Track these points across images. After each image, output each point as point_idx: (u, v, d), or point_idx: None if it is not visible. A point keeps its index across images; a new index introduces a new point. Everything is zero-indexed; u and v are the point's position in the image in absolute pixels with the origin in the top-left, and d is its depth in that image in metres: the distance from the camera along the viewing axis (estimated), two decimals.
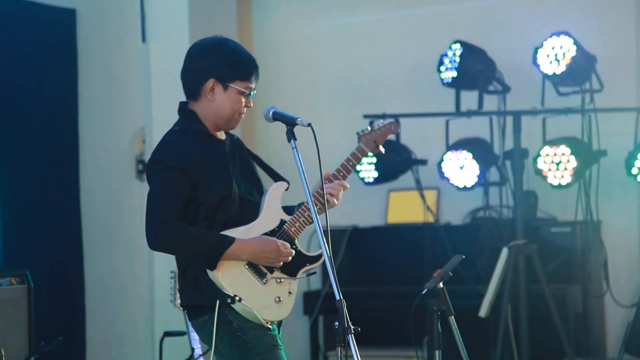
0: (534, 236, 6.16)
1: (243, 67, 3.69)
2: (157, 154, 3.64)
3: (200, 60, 3.69)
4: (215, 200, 3.58)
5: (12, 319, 4.99)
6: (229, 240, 3.55)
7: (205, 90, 3.68)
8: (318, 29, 7.47)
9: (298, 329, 6.92)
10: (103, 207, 6.54)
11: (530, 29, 6.67)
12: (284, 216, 3.72)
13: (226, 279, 3.56)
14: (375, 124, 3.97)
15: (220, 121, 3.71)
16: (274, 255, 3.60)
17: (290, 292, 3.66)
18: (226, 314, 3.57)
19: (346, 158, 3.85)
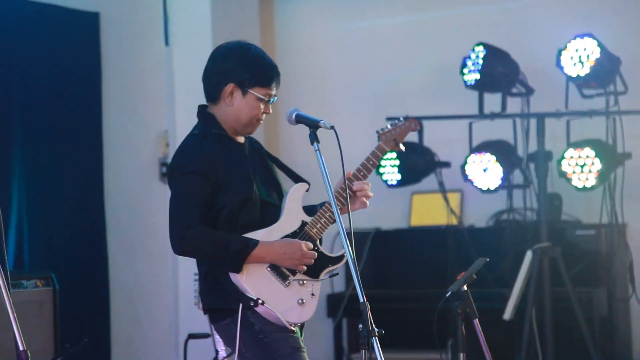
0: (558, 239, 6.13)
1: (263, 74, 3.69)
2: (177, 158, 3.65)
3: (222, 63, 3.70)
4: (236, 204, 3.59)
5: (37, 321, 5.02)
6: (253, 243, 3.55)
7: (225, 94, 3.68)
8: (341, 31, 7.48)
9: (321, 332, 6.92)
10: (127, 210, 6.57)
11: (553, 31, 6.64)
12: (305, 217, 3.71)
13: (249, 282, 3.55)
14: (395, 122, 3.95)
15: (237, 126, 3.71)
16: (297, 256, 3.59)
17: (313, 293, 3.66)
18: (248, 316, 3.57)
19: (366, 157, 3.84)
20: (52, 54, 6.14)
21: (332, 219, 3.70)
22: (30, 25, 6.00)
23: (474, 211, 6.90)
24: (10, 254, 5.73)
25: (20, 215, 5.82)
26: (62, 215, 6.13)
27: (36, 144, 5.99)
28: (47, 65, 6.10)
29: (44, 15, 6.09)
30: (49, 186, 6.05)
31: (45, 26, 6.09)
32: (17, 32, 5.91)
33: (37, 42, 6.04)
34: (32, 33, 6.01)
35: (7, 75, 5.86)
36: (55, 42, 6.16)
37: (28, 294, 5.01)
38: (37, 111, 6.01)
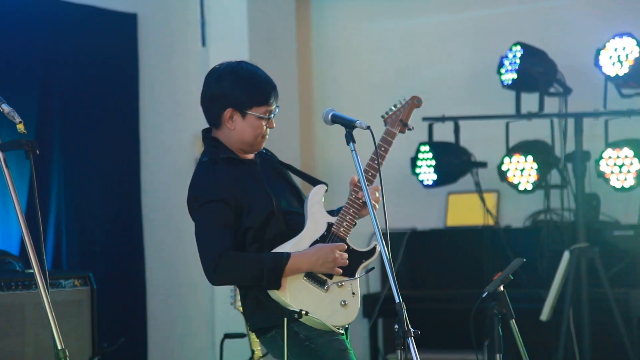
0: (596, 239, 6.09)
1: (259, 93, 3.65)
2: (193, 190, 3.63)
3: (216, 88, 3.69)
4: (259, 222, 3.57)
5: (75, 321, 5.05)
6: (286, 255, 3.54)
7: (225, 119, 3.66)
8: (377, 31, 7.47)
9: (357, 332, 6.92)
10: (164, 210, 6.60)
11: (592, 30, 6.60)
12: (330, 219, 3.68)
13: (289, 296, 3.55)
14: (397, 102, 3.87)
15: (244, 146, 3.68)
16: (331, 259, 3.58)
17: (353, 292, 3.64)
18: (292, 326, 3.56)
19: (377, 144, 3.67)
20: (90, 55, 6.18)
21: (356, 214, 3.67)
22: (69, 27, 6.05)
23: (510, 211, 6.87)
24: (48, 254, 5.78)
25: (59, 216, 5.87)
26: (100, 215, 6.17)
27: (74, 145, 6.03)
28: (85, 66, 6.14)
29: (82, 16, 6.13)
30: (87, 186, 6.10)
31: (83, 27, 6.14)
32: (56, 33, 5.96)
33: (75, 43, 6.08)
34: (71, 34, 6.06)
35: (46, 76, 5.91)
36: (93, 43, 6.21)
37: (66, 293, 5.05)
38: (75, 112, 6.05)
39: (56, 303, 3.09)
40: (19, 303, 4.80)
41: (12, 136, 2.99)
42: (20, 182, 5.44)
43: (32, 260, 2.93)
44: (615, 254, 6.20)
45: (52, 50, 5.94)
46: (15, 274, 4.99)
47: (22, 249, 5.46)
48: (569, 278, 5.84)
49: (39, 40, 5.87)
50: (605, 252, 6.02)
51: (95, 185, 6.16)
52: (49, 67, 5.92)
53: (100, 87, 6.24)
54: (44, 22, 5.91)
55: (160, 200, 6.58)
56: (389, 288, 3.14)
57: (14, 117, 2.96)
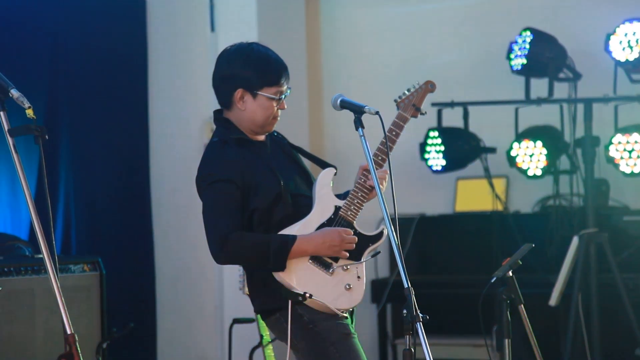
0: (605, 225, 6.08)
1: (270, 73, 3.66)
2: (203, 169, 3.64)
3: (227, 69, 3.70)
4: (267, 204, 3.58)
5: (84, 306, 5.07)
6: (292, 238, 3.54)
7: (236, 100, 3.67)
8: (386, 16, 7.45)
9: (366, 317, 6.92)
10: (173, 195, 6.61)
11: (602, 15, 6.57)
12: (338, 202, 3.67)
13: (293, 278, 3.55)
14: (411, 87, 3.86)
15: (254, 127, 3.69)
16: (337, 243, 3.58)
17: (359, 276, 3.64)
18: (296, 308, 3.56)
19: (388, 128, 3.69)
20: (99, 40, 6.18)
21: (364, 198, 3.66)
22: (78, 12, 6.05)
23: (519, 197, 6.86)
24: (57, 239, 5.79)
25: (68, 201, 5.88)
26: (109, 200, 6.18)
27: (83, 130, 6.04)
28: (94, 52, 6.14)
29: (91, 2, 6.13)
30: (96, 172, 6.11)
31: (92, 13, 6.13)
32: (65, 19, 5.96)
33: (84, 29, 6.08)
34: (79, 20, 6.06)
35: (55, 62, 5.91)
36: (102, 29, 6.20)
37: (75, 278, 5.07)
38: (84, 97, 6.06)
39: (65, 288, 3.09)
40: (29, 288, 4.82)
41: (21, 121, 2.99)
42: (29, 168, 5.45)
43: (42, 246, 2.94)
44: (624, 240, 6.19)
45: (61, 36, 5.94)
46: (24, 259, 5.01)
47: (31, 234, 5.47)
48: (577, 263, 5.84)
49: (48, 26, 5.87)
50: (615, 237, 6.01)
51: (104, 170, 6.17)
52: (57, 52, 5.92)
53: (109, 73, 6.24)
54: (53, 7, 5.90)
55: (169, 185, 6.59)
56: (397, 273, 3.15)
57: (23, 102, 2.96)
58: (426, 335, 3.06)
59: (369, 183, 3.64)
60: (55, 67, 5.90)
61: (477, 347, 6.32)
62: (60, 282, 2.93)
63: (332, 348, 3.55)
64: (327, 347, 3.55)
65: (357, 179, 3.69)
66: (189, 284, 6.73)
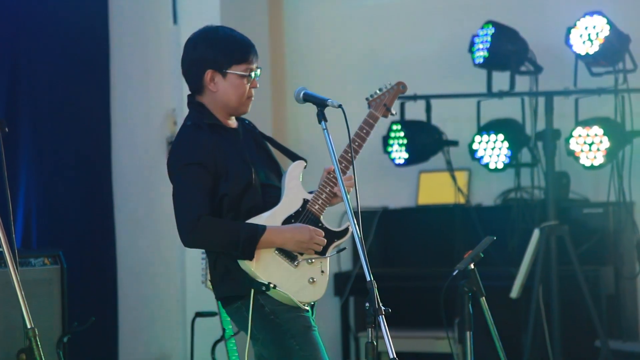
0: (566, 217, 6.13)
1: (237, 51, 3.68)
2: (175, 152, 3.65)
3: (193, 52, 3.71)
4: (237, 191, 3.59)
5: (45, 300, 5.03)
6: (262, 228, 3.55)
7: (206, 82, 3.67)
8: (349, 9, 7.45)
9: (329, 310, 6.93)
10: (135, 188, 6.57)
11: (562, 9, 6.61)
12: (306, 195, 3.71)
13: (258, 267, 3.56)
14: (383, 87, 3.93)
15: (229, 109, 3.70)
16: (306, 241, 3.60)
17: (322, 270, 3.67)
18: (258, 298, 3.58)
19: (359, 126, 3.80)
20: (60, 32, 6.12)
21: (332, 193, 3.70)
22: (38, 5, 5.99)
23: (481, 190, 6.89)
24: (18, 232, 5.74)
25: (28, 194, 5.82)
26: (70, 193, 6.13)
27: (43, 122, 5.98)
28: (55, 43, 6.09)
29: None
30: (57, 164, 6.06)
31: (53, 5, 6.08)
32: (26, 10, 5.90)
33: (45, 19, 6.02)
34: (41, 10, 6.00)
35: (15, 55, 5.85)
36: (63, 20, 6.14)
37: (36, 272, 5.03)
38: (44, 89, 6.00)
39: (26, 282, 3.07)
40: None
41: None
42: None
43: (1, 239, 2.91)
44: (584, 232, 6.24)
45: (22, 27, 5.87)
46: None
47: None
48: (538, 256, 5.88)
49: (8, 20, 5.80)
50: (575, 230, 6.06)
51: (66, 163, 6.12)
52: (18, 44, 5.85)
53: (70, 64, 6.19)
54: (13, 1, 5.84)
55: (131, 178, 6.55)
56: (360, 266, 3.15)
57: None
58: (388, 328, 3.07)
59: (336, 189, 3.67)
60: (15, 59, 5.84)
61: (439, 340, 6.34)
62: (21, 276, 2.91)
63: (292, 340, 3.56)
64: (288, 339, 3.56)
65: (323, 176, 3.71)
66: (151, 277, 6.70)
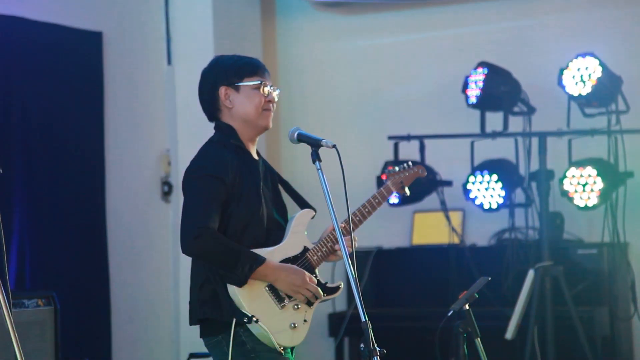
0: (560, 258, 6.12)
1: (246, 65, 3.73)
2: (197, 161, 3.67)
3: (205, 80, 3.78)
4: (243, 217, 3.60)
5: (38, 340, 5.00)
6: (261, 259, 3.55)
7: (222, 100, 3.71)
8: (342, 50, 7.49)
9: (324, 351, 6.90)
10: (129, 229, 6.56)
11: (555, 50, 6.66)
12: (308, 243, 3.74)
13: (245, 298, 3.55)
14: (403, 165, 4.06)
15: (249, 123, 3.72)
16: (299, 284, 3.60)
17: (305, 319, 3.67)
18: (240, 334, 3.57)
19: (372, 195, 3.92)
20: (54, 73, 6.14)
21: (331, 249, 3.74)
22: (33, 45, 6.01)
23: (475, 230, 6.89)
24: (11, 273, 5.72)
25: (22, 234, 5.81)
26: (64, 234, 6.12)
27: (38, 162, 5.98)
28: (49, 84, 6.10)
29: (47, 34, 6.10)
30: (51, 204, 6.05)
31: (48, 46, 6.10)
32: (20, 51, 5.92)
33: (40, 61, 6.05)
34: (35, 52, 6.02)
35: (9, 94, 5.86)
36: (58, 61, 6.17)
37: (29, 313, 5.01)
38: (38, 130, 6.01)
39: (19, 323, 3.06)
40: None
41: None
42: None
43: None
44: (579, 273, 6.23)
45: (16, 68, 5.89)
46: None
47: None
48: (533, 296, 5.87)
49: (2, 58, 5.82)
50: (570, 270, 6.05)
51: (60, 203, 6.11)
52: (11, 85, 5.87)
53: (65, 105, 6.20)
54: (8, 39, 5.86)
55: (125, 218, 6.54)
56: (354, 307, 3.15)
57: None
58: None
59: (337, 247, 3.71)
60: (9, 99, 5.85)
61: None
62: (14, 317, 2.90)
63: None
64: None
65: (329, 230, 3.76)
66: (145, 318, 6.68)
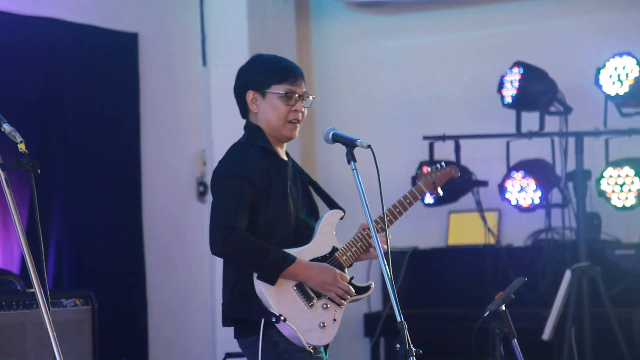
0: (597, 258, 6.08)
1: (277, 71, 3.70)
2: (225, 162, 3.67)
3: (238, 79, 3.78)
4: (272, 217, 3.60)
5: (76, 340, 5.04)
6: (291, 259, 3.55)
7: (249, 104, 3.72)
8: (376, 50, 7.48)
9: (359, 351, 6.90)
10: (165, 229, 6.60)
11: (592, 50, 6.61)
12: (337, 243, 3.72)
13: (273, 298, 3.56)
14: (436, 166, 4.01)
15: (272, 132, 3.71)
16: (330, 283, 3.59)
17: (335, 319, 3.65)
18: (273, 335, 3.57)
19: (404, 195, 3.86)
20: (91, 74, 6.19)
21: (362, 248, 3.72)
22: (70, 47, 6.06)
23: (511, 230, 6.86)
24: (49, 273, 5.77)
25: (60, 235, 5.86)
26: (102, 234, 6.17)
27: (75, 164, 6.03)
28: (86, 85, 6.15)
29: (84, 36, 6.15)
30: (88, 206, 6.10)
31: (84, 47, 6.15)
32: (57, 53, 5.97)
33: (76, 62, 6.09)
34: (72, 54, 6.07)
35: (47, 96, 5.91)
36: (94, 63, 6.22)
37: (67, 312, 5.04)
38: (75, 132, 6.06)
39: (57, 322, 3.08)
40: (20, 323, 4.79)
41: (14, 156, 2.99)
42: (22, 202, 5.44)
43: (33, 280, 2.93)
44: (616, 274, 6.19)
45: (54, 70, 5.95)
46: (16, 293, 4.98)
47: (23, 268, 5.45)
48: (570, 297, 5.83)
49: (40, 60, 5.88)
50: (607, 271, 6.01)
51: (97, 204, 6.16)
52: (50, 86, 5.92)
53: (102, 107, 6.25)
54: (45, 42, 5.91)
55: (161, 219, 6.58)
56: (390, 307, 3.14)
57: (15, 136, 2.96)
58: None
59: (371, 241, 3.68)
60: (47, 101, 5.90)
61: None
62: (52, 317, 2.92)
63: None
64: None
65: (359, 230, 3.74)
66: (181, 318, 6.71)
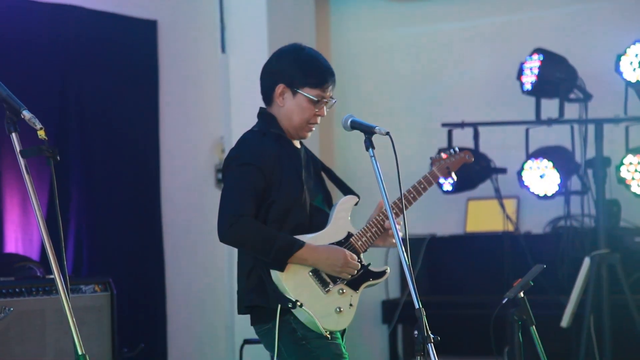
0: (617, 246, 6.06)
1: (314, 74, 3.69)
2: (236, 150, 3.68)
3: (275, 64, 3.74)
4: (286, 204, 3.61)
5: (95, 326, 5.07)
6: (299, 244, 3.56)
7: (276, 95, 3.71)
8: (396, 37, 7.47)
9: (377, 338, 6.91)
10: (184, 216, 6.62)
11: (612, 36, 6.58)
12: (352, 229, 3.73)
13: (289, 284, 3.57)
14: (450, 151, 3.97)
15: (290, 128, 3.72)
16: (340, 264, 3.60)
17: (351, 304, 3.67)
18: (290, 322, 3.59)
19: (418, 180, 3.84)
20: (110, 62, 6.20)
21: (377, 233, 3.72)
22: (89, 34, 6.07)
23: (530, 218, 6.85)
24: (69, 259, 5.80)
25: (79, 222, 5.89)
26: (120, 221, 6.19)
27: (94, 151, 6.05)
28: (105, 73, 6.16)
29: (102, 23, 6.15)
30: (107, 192, 6.12)
31: (103, 34, 6.16)
32: (76, 40, 5.98)
33: (95, 50, 6.10)
34: (91, 41, 6.08)
35: (66, 83, 5.92)
36: (113, 50, 6.23)
37: (86, 299, 5.07)
38: (95, 119, 6.07)
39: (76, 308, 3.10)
40: (40, 309, 4.82)
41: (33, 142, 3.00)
42: (41, 188, 5.47)
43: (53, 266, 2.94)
44: (636, 261, 6.17)
45: (72, 57, 5.96)
46: (35, 279, 5.01)
47: (42, 254, 5.48)
48: (589, 284, 5.82)
49: (59, 46, 5.89)
50: (626, 258, 5.99)
51: (116, 190, 6.18)
52: (68, 73, 5.94)
53: (120, 93, 6.26)
54: (64, 29, 5.92)
55: (180, 205, 6.59)
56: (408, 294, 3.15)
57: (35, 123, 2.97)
58: (437, 356, 3.06)
59: (387, 224, 3.67)
60: (66, 88, 5.92)
61: None
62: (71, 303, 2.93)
63: None
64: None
65: (374, 215, 3.72)
66: (200, 304, 6.73)
